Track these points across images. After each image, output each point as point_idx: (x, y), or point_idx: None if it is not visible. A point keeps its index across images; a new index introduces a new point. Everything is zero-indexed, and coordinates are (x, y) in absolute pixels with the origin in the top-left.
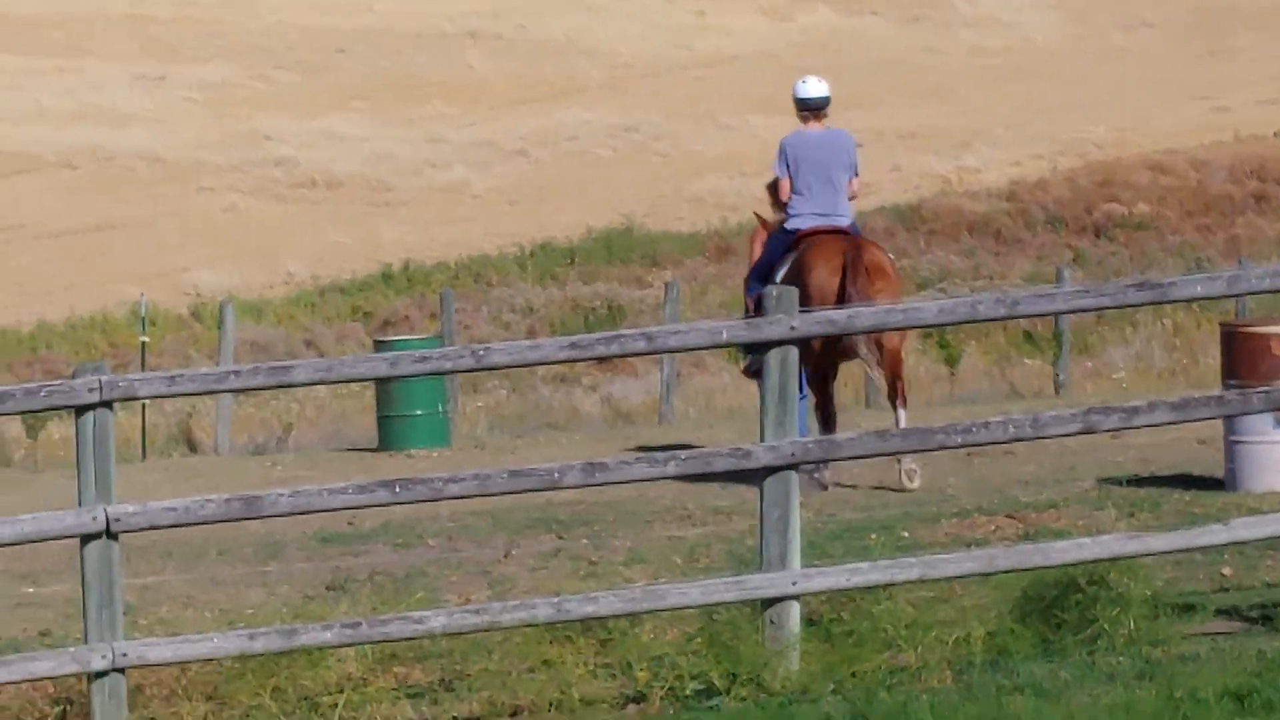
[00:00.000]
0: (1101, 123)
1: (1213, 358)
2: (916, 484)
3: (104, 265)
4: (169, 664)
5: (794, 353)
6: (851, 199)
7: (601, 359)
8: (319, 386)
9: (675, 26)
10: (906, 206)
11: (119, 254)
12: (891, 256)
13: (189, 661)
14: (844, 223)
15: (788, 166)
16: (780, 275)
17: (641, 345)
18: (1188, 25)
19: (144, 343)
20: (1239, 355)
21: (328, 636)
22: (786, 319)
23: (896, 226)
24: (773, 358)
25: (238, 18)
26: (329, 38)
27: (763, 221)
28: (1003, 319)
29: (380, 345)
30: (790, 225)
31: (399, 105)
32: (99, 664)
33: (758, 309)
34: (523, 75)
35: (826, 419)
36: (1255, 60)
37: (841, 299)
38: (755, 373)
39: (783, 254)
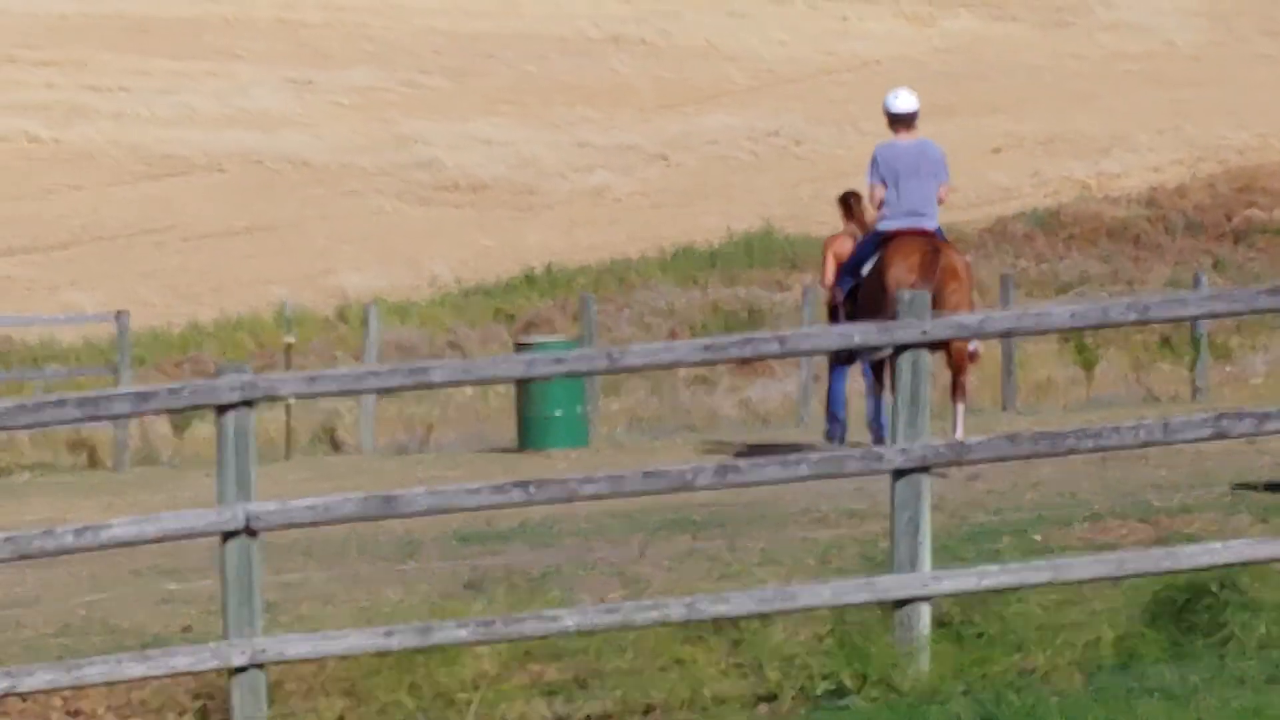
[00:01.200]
0: (1242, 129)
1: None
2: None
3: (252, 267)
4: (307, 660)
5: (925, 356)
6: (940, 204)
7: (736, 361)
8: (462, 388)
9: (818, 32)
10: (1046, 211)
11: (267, 256)
12: (968, 260)
13: (327, 658)
14: (930, 225)
15: (880, 174)
16: (865, 271)
17: (775, 348)
18: None
19: (289, 344)
20: None
21: (463, 634)
22: (918, 323)
23: (1036, 231)
24: (904, 361)
25: (386, 22)
26: (476, 42)
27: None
28: (1134, 324)
29: (520, 347)
30: (881, 227)
31: (544, 109)
32: (239, 660)
33: (847, 299)
34: (666, 79)
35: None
36: None
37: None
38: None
39: (872, 253)
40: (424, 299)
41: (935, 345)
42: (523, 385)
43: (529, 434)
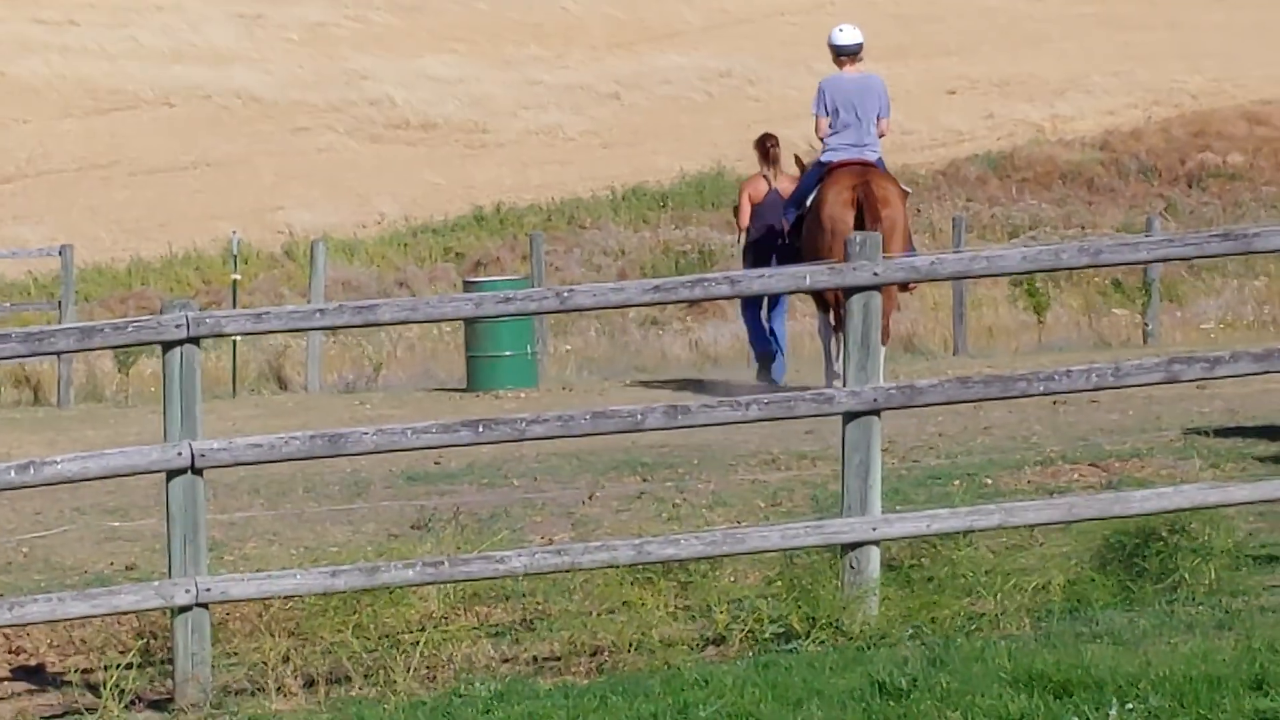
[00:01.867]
0: (1197, 73)
1: None
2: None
3: (200, 203)
4: (252, 600)
5: (877, 299)
6: (881, 136)
7: (685, 302)
8: (410, 326)
9: None
10: (999, 154)
11: (215, 192)
12: (905, 189)
13: (272, 598)
14: (873, 157)
15: (825, 106)
16: (808, 203)
17: (725, 289)
18: None
19: (236, 280)
20: None
21: (410, 575)
22: (870, 265)
23: (988, 174)
24: (855, 303)
25: None
26: None
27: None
28: (1085, 267)
29: (469, 286)
30: (824, 158)
31: (495, 47)
32: (182, 599)
33: (793, 230)
34: (618, 19)
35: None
36: None
37: (860, 228)
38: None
39: (814, 184)
40: (372, 237)
41: None
42: (471, 325)
43: (477, 374)
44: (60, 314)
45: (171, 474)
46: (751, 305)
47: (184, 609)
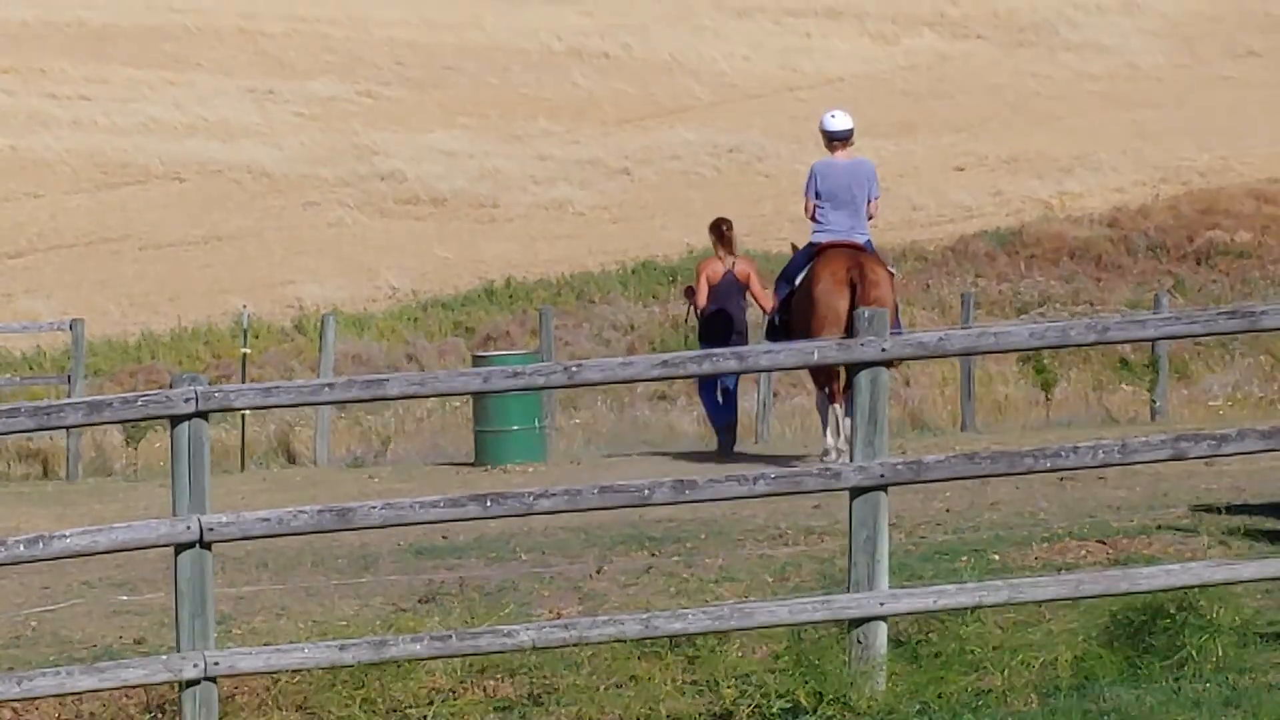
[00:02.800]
0: (1205, 150)
1: None
2: (834, 454)
3: (210, 277)
4: (260, 673)
5: (884, 374)
6: (869, 219)
7: (694, 377)
8: (419, 401)
9: (781, 48)
10: (1008, 231)
11: (225, 266)
12: (892, 271)
13: (280, 671)
14: (862, 239)
15: (816, 189)
16: (799, 281)
17: (733, 364)
18: None
19: (245, 354)
20: None
21: (418, 648)
22: (877, 341)
23: (997, 250)
24: (862, 378)
25: (347, 33)
26: (438, 54)
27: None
28: (1094, 344)
29: (478, 360)
30: (815, 239)
31: (505, 122)
32: (190, 672)
33: (782, 306)
34: (628, 93)
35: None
36: None
37: (852, 309)
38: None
39: (805, 263)
40: (382, 311)
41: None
42: (480, 399)
43: (486, 448)
44: (70, 388)
45: (180, 548)
46: (708, 386)
47: (192, 683)
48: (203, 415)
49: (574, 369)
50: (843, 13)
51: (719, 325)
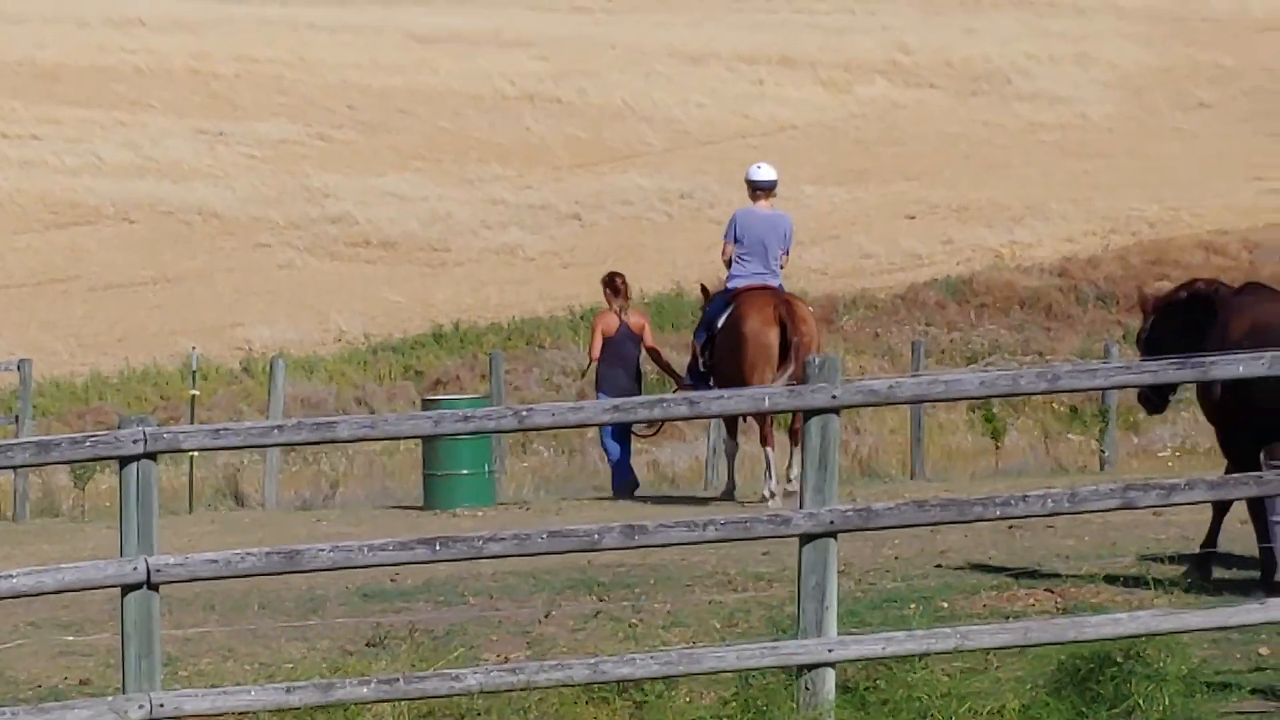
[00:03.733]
0: (1155, 201)
1: None
2: (775, 500)
3: (159, 318)
4: (206, 716)
5: (835, 421)
6: (781, 268)
7: (644, 422)
8: (368, 444)
9: (735, 95)
10: (958, 279)
11: (174, 308)
12: (811, 309)
13: (226, 714)
14: (775, 284)
15: (735, 235)
16: (720, 323)
17: (684, 410)
18: (1244, 106)
19: (194, 396)
20: None
21: (365, 692)
22: (828, 388)
23: (947, 299)
24: (813, 425)
25: (299, 75)
26: (390, 97)
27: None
28: (1044, 393)
29: (428, 404)
30: (731, 284)
31: (457, 166)
32: (136, 714)
33: (704, 350)
34: (581, 139)
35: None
36: None
37: (783, 346)
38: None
39: (723, 308)
40: (331, 354)
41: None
42: (429, 443)
43: (435, 492)
44: (17, 428)
45: (127, 589)
46: (611, 433)
47: None
48: (151, 456)
49: (524, 413)
50: (796, 61)
51: (614, 377)
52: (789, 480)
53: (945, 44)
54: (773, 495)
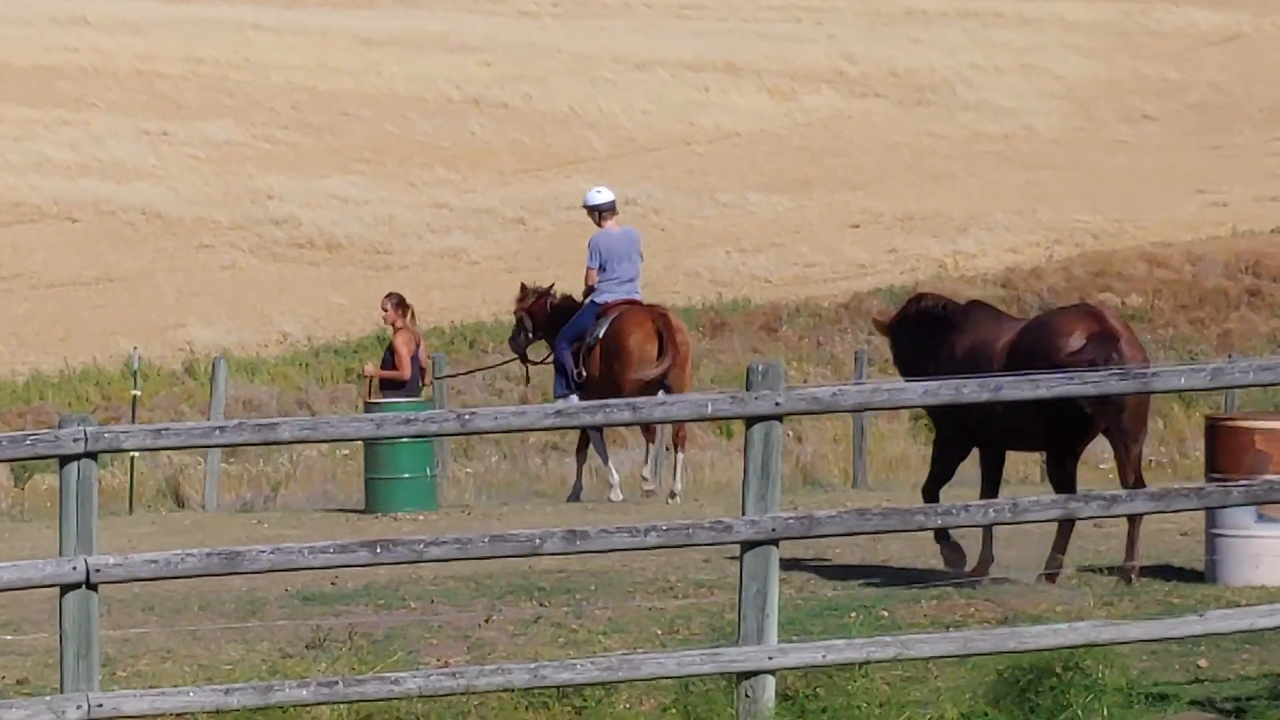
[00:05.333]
0: (1099, 213)
1: (1201, 451)
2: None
3: (100, 318)
4: (144, 717)
5: (778, 428)
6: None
7: (587, 427)
8: (309, 446)
9: (679, 102)
10: (902, 288)
11: (116, 307)
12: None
13: (164, 715)
14: (639, 297)
15: (600, 259)
16: (599, 336)
17: (627, 415)
18: (1189, 120)
19: (135, 396)
20: (1222, 448)
21: (304, 694)
22: (772, 395)
23: (891, 308)
24: (756, 432)
25: (244, 76)
26: (335, 100)
27: None
28: (986, 403)
29: (370, 407)
30: (599, 300)
31: (401, 169)
32: (74, 714)
33: (580, 362)
34: (525, 144)
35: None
36: (1255, 156)
37: (660, 356)
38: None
39: (592, 320)
40: (274, 356)
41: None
42: (371, 446)
43: (376, 496)
44: None
45: (66, 588)
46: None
47: None
48: (92, 456)
49: (467, 417)
50: (741, 68)
51: (410, 393)
52: (644, 479)
53: (891, 54)
54: (672, 495)
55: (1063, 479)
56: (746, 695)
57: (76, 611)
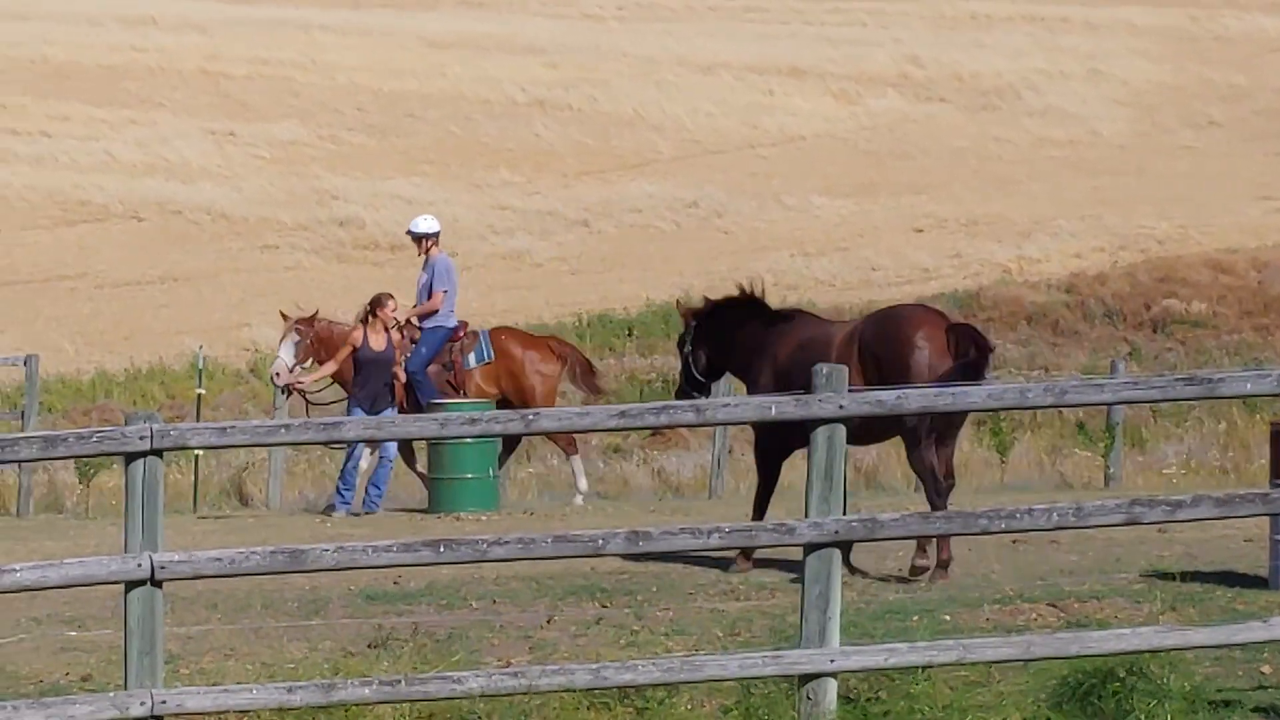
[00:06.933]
0: (1164, 219)
1: (1266, 457)
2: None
3: (166, 317)
4: (207, 713)
5: (841, 431)
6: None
7: (650, 429)
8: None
9: (744, 105)
10: (965, 293)
11: (181, 306)
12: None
13: (227, 712)
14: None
15: (447, 284)
16: (482, 359)
17: (690, 417)
18: (1255, 125)
19: (200, 395)
20: None
21: (366, 693)
22: (835, 398)
23: (954, 312)
24: (819, 435)
25: (310, 77)
26: (400, 101)
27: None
28: (1050, 407)
29: (433, 407)
30: (450, 324)
31: (466, 171)
32: (137, 710)
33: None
34: (590, 146)
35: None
36: None
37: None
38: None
39: (441, 345)
40: None
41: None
42: (434, 447)
43: (439, 496)
44: (23, 423)
45: (130, 585)
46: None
47: None
48: (157, 453)
49: (531, 417)
50: (806, 71)
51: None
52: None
53: (956, 58)
54: (581, 495)
55: (923, 464)
56: (808, 698)
57: (141, 608)
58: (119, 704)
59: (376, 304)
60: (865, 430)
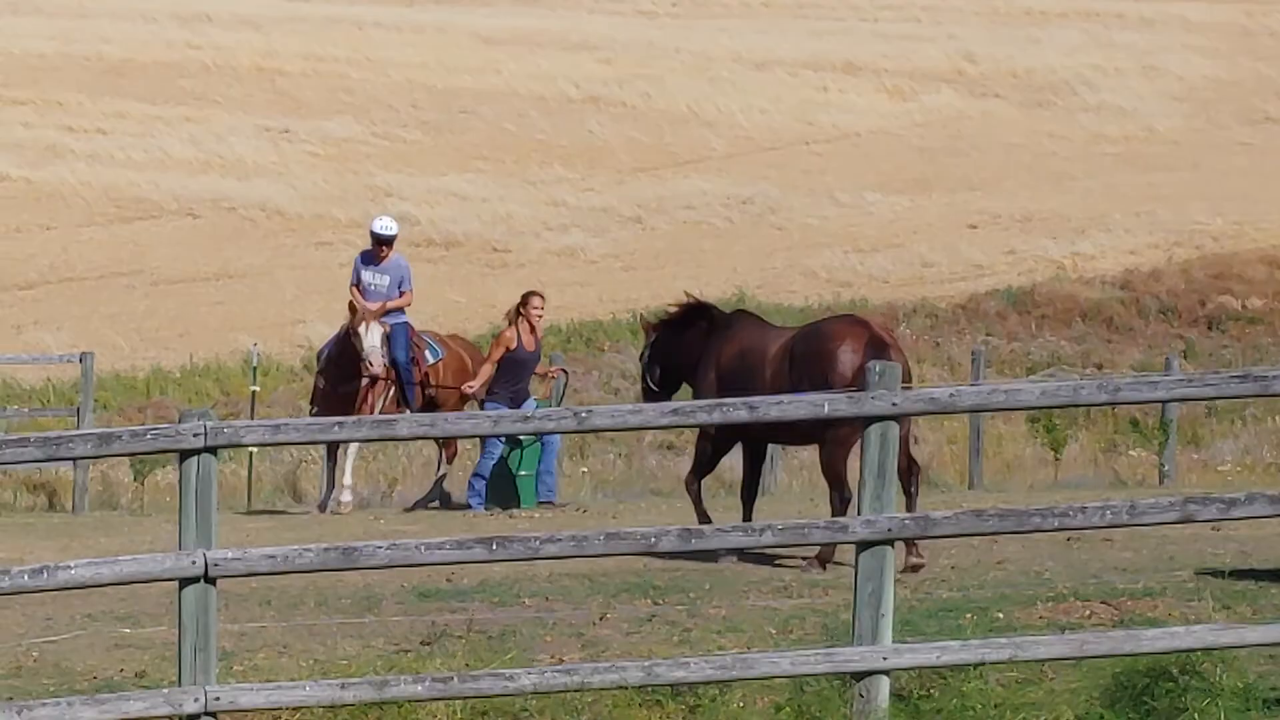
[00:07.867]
0: (1219, 215)
1: None
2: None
3: (220, 314)
4: (261, 710)
5: (894, 429)
6: None
7: (704, 426)
8: (426, 443)
9: (798, 101)
10: (1019, 290)
11: (236, 303)
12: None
13: (280, 708)
14: None
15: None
16: (438, 355)
17: (743, 414)
18: None
19: (254, 392)
20: None
21: (419, 690)
22: (889, 395)
23: (1008, 309)
24: (873, 432)
25: (365, 74)
26: (454, 98)
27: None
28: (1104, 404)
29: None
30: (408, 320)
31: (520, 167)
32: (191, 707)
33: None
34: (643, 142)
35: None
36: None
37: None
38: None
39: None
40: None
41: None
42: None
43: (493, 492)
44: (78, 420)
45: (184, 582)
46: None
47: (192, 717)
48: (211, 450)
49: (584, 415)
50: (860, 68)
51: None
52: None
53: (1011, 54)
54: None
55: (838, 471)
56: (861, 695)
57: (195, 605)
58: (173, 700)
59: (525, 302)
60: (790, 430)
